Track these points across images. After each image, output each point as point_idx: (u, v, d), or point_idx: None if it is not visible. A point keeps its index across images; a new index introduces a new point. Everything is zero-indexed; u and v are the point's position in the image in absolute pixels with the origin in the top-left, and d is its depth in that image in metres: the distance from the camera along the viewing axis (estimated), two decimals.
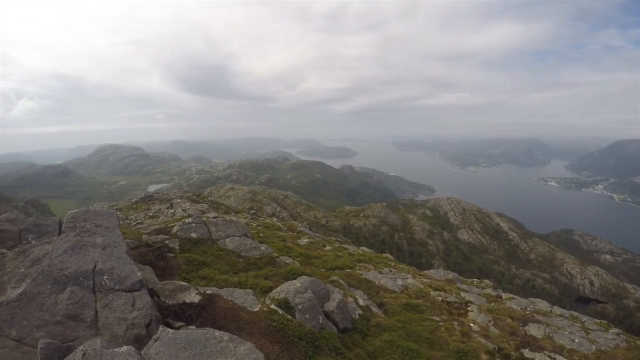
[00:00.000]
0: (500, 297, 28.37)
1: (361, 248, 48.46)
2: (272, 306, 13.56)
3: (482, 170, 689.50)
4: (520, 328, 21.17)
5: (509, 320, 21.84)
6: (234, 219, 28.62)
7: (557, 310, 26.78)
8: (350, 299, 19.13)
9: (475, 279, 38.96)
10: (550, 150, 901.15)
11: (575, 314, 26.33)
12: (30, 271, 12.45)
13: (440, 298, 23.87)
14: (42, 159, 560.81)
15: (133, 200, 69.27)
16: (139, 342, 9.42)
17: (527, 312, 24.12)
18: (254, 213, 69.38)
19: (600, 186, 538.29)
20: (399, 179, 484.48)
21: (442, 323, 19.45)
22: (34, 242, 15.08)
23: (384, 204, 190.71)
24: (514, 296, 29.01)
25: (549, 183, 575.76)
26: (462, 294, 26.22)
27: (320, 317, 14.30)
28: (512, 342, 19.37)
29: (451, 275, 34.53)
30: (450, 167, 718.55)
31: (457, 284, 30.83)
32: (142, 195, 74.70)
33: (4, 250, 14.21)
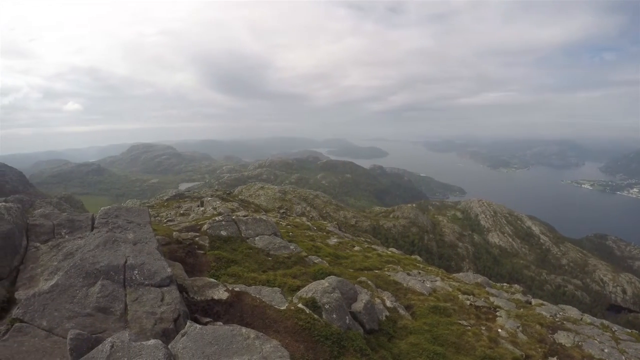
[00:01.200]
0: (530, 303, 27.77)
1: (390, 249, 48.18)
2: (300, 305, 13.61)
3: (514, 172, 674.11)
4: (549, 335, 20.68)
5: (537, 327, 21.36)
6: (264, 217, 28.84)
7: (588, 318, 26.03)
8: (377, 300, 19.05)
9: (504, 284, 38.27)
10: (584, 151, 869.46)
11: (606, 322, 25.52)
12: (63, 264, 12.82)
13: (468, 302, 23.52)
14: (76, 157, 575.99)
15: (164, 198, 70.44)
16: (167, 336, 9.61)
17: (556, 320, 23.52)
18: (283, 212, 69.56)
19: (635, 189, 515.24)
20: (430, 179, 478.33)
21: (469, 328, 19.18)
22: (67, 236, 15.52)
23: (413, 205, 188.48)
24: (544, 302, 28.33)
25: (583, 186, 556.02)
26: (491, 299, 25.80)
27: (347, 317, 14.29)
28: (540, 349, 18.96)
29: (480, 279, 34.03)
30: (481, 168, 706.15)
31: (486, 288, 30.35)
32: (174, 193, 75.91)
33: (38, 244, 14.66)
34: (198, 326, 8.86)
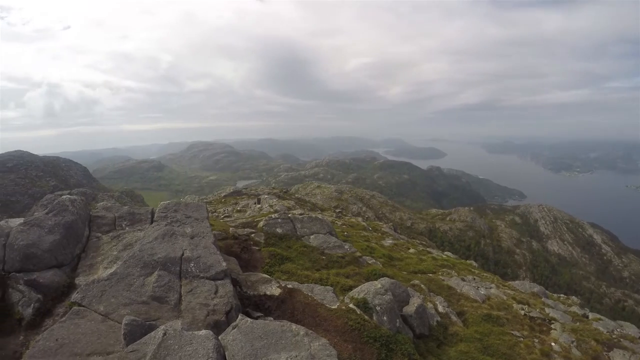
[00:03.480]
0: (587, 317, 26.41)
1: (445, 253, 47.19)
2: (351, 305, 13.64)
3: (576, 176, 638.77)
4: (604, 353, 19.60)
5: (593, 343, 20.28)
6: (320, 216, 29.01)
7: None
8: (429, 305, 18.80)
9: (561, 295, 36.68)
10: None
11: None
12: (122, 254, 13.45)
13: (522, 312, 22.72)
14: (138, 154, 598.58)
15: (222, 195, 71.84)
16: (218, 327, 9.88)
17: (613, 336, 22.19)
18: (339, 212, 69.61)
19: None
20: (488, 182, 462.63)
21: (522, 339, 18.55)
22: (127, 228, 16.24)
23: (471, 208, 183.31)
24: (602, 317, 26.72)
25: None
26: (547, 310, 24.76)
27: (397, 320, 14.18)
28: None
29: (537, 288, 32.78)
30: (542, 171, 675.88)
31: (542, 299, 29.20)
32: (231, 190, 77.34)
33: (99, 234, 15.43)
34: (249, 320, 9.07)
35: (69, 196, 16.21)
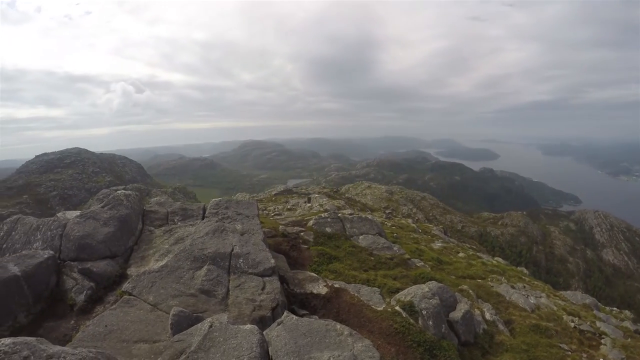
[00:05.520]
0: (639, 333, 25.19)
1: (495, 258, 45.99)
2: (397, 308, 13.55)
3: (635, 180, 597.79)
4: None
5: None
6: (369, 217, 28.92)
7: None
8: (477, 312, 18.36)
9: (614, 308, 34.83)
10: None
11: None
12: (173, 248, 13.89)
13: (572, 324, 21.78)
14: (191, 152, 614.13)
15: (273, 193, 72.76)
16: (263, 323, 10.08)
17: None
18: (389, 212, 69.13)
19: None
20: (542, 185, 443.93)
21: (569, 353, 17.78)
22: (179, 223, 16.75)
23: (524, 212, 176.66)
24: None
25: None
26: (598, 323, 23.60)
27: (443, 325, 13.95)
28: None
29: (589, 300, 31.40)
30: (599, 174, 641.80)
31: (594, 311, 27.92)
32: (282, 189, 78.21)
33: (152, 228, 15.99)
34: (294, 317, 9.20)
35: (123, 191, 16.92)
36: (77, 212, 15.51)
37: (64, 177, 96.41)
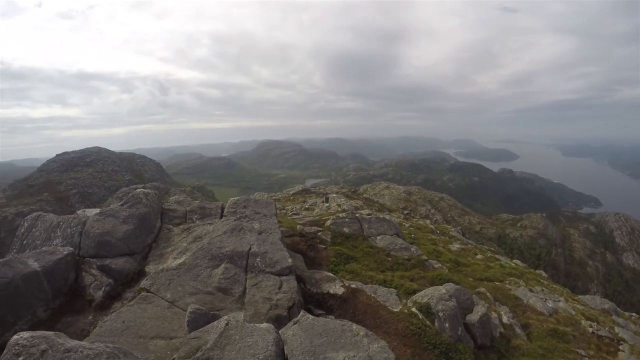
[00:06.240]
0: None
1: (514, 261, 45.46)
2: (413, 309, 13.52)
3: None
4: None
5: None
6: (387, 217, 28.84)
7: None
8: (494, 315, 18.19)
9: (634, 314, 34.16)
10: None
11: None
12: (191, 246, 14.03)
13: (590, 330, 21.45)
14: (210, 151, 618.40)
15: (291, 192, 72.86)
16: (279, 322, 10.14)
17: None
18: (407, 213, 68.92)
19: None
20: (562, 187, 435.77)
21: (587, 358, 17.48)
22: (197, 221, 16.90)
23: (543, 214, 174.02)
24: None
25: None
26: (616, 329, 23.21)
27: (459, 328, 13.86)
28: None
29: (608, 305, 30.90)
30: (620, 176, 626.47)
31: (613, 317, 27.45)
32: (300, 188, 78.26)
33: (171, 226, 16.16)
34: (310, 317, 9.21)
35: (143, 190, 17.13)
36: (97, 210, 15.75)
37: (84, 176, 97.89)
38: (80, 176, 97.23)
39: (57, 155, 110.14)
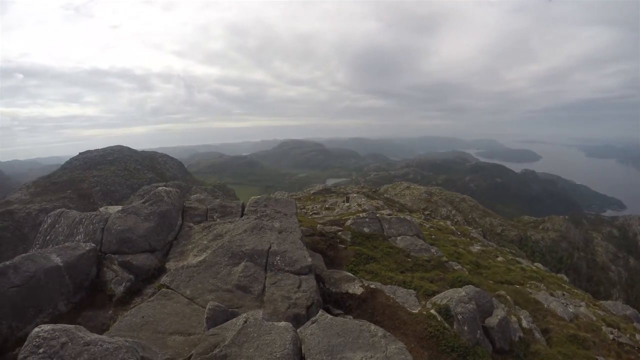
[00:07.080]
0: None
1: (535, 264, 44.94)
2: (432, 311, 13.44)
3: None
4: None
5: None
6: (408, 218, 28.77)
7: None
8: (513, 319, 17.97)
9: None
10: None
11: None
12: (212, 244, 14.15)
13: (611, 336, 21.06)
14: (231, 150, 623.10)
15: (311, 192, 73.04)
16: (297, 321, 10.16)
17: None
18: (428, 214, 68.47)
19: None
20: (585, 189, 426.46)
21: None
22: (218, 220, 17.04)
23: (566, 216, 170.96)
24: None
25: None
26: (637, 336, 22.74)
27: (478, 331, 13.74)
28: None
29: (630, 311, 30.30)
30: None
31: (635, 323, 26.95)
32: (320, 188, 78.43)
33: (192, 224, 16.32)
34: (329, 316, 9.20)
35: (164, 188, 17.38)
36: (119, 207, 16.04)
37: (106, 174, 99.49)
38: (103, 174, 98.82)
39: (80, 153, 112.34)
